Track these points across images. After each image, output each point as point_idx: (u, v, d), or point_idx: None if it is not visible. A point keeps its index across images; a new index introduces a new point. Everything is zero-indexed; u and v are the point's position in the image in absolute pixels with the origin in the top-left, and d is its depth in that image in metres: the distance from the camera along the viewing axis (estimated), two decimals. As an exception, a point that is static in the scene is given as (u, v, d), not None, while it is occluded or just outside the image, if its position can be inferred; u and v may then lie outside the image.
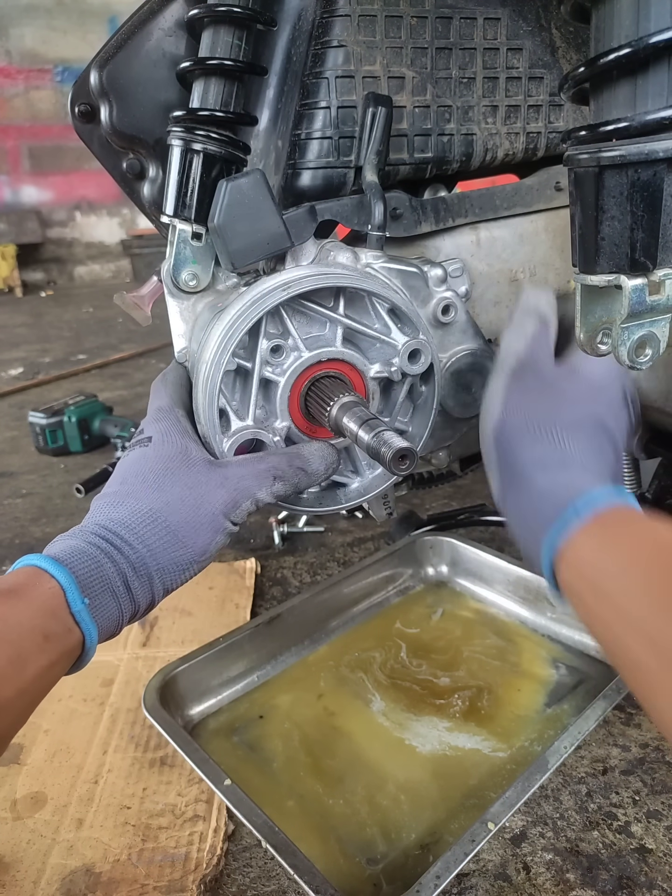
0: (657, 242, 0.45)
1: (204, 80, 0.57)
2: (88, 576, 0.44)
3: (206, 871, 0.62)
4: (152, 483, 0.49)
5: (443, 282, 0.57)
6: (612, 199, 0.45)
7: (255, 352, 0.51)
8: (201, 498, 0.48)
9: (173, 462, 0.50)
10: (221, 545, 0.50)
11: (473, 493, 1.39)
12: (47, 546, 0.47)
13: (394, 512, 0.62)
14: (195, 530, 0.48)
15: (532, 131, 0.66)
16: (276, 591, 1.08)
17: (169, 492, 0.48)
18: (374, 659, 0.88)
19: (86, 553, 0.45)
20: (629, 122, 0.42)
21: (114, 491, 0.50)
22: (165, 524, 0.47)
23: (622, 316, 0.47)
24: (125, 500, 0.48)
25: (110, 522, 0.47)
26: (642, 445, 0.94)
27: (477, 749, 0.74)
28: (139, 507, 0.48)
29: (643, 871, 0.62)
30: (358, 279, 0.51)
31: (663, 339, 0.50)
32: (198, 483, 0.49)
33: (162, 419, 0.52)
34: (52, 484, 1.53)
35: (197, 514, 0.48)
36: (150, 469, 0.49)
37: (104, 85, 0.57)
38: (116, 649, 0.93)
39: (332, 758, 0.74)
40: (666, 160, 0.43)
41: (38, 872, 0.63)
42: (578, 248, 0.48)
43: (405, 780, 0.70)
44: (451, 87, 0.61)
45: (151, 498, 0.48)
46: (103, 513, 0.48)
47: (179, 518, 0.48)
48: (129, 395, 2.15)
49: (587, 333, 0.51)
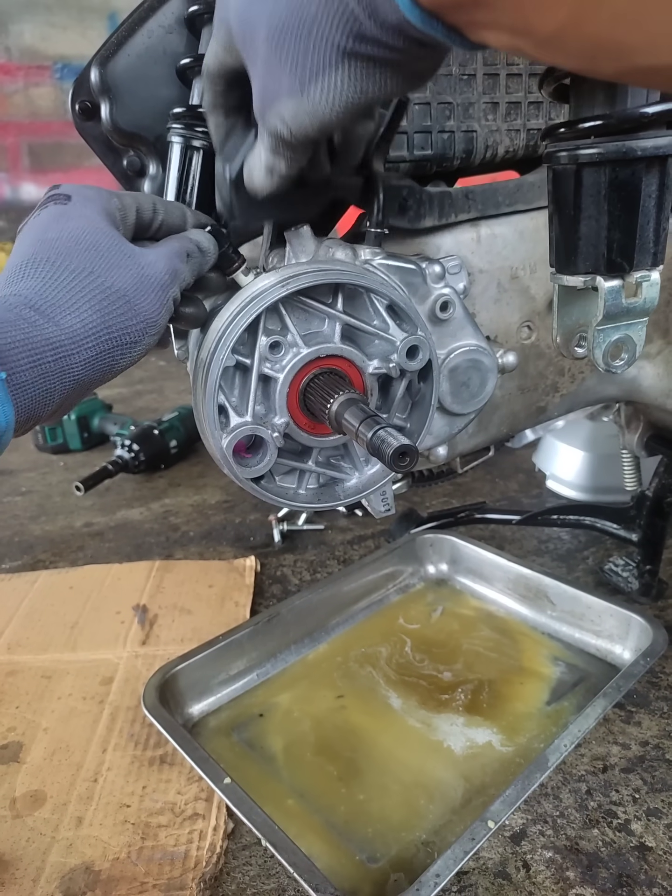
0: (634, 243, 0.44)
1: (204, 76, 0.57)
2: (12, 348, 0.38)
3: (205, 869, 0.62)
4: (86, 244, 0.43)
5: (441, 278, 0.57)
6: (590, 198, 0.44)
7: (253, 348, 0.51)
8: (143, 268, 0.44)
9: (104, 228, 0.44)
10: (165, 322, 0.46)
11: (473, 490, 1.39)
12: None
13: (392, 508, 0.61)
14: (143, 295, 0.43)
15: (533, 128, 0.65)
16: (275, 588, 1.08)
17: (107, 255, 0.43)
18: (381, 654, 0.88)
19: (11, 322, 0.39)
20: (608, 119, 0.42)
21: (32, 254, 0.42)
22: (112, 287, 0.42)
23: (598, 318, 0.47)
24: (51, 263, 0.42)
25: (37, 286, 0.41)
26: (643, 443, 0.94)
27: (489, 743, 0.74)
28: (76, 268, 0.42)
29: (643, 869, 0.62)
30: (356, 276, 0.51)
31: (639, 342, 0.49)
32: (134, 252, 0.45)
33: (90, 190, 0.47)
34: (51, 482, 1.53)
35: (142, 281, 0.43)
36: (79, 229, 0.43)
37: (105, 82, 0.57)
38: (116, 647, 0.93)
39: (335, 756, 0.74)
40: (644, 159, 0.42)
41: (37, 870, 0.63)
42: (556, 248, 0.48)
43: (412, 776, 0.70)
44: (451, 84, 0.61)
45: (87, 259, 0.42)
46: (26, 281, 0.41)
47: (125, 282, 0.43)
48: (129, 393, 2.14)
49: (564, 335, 0.51)
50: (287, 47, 0.37)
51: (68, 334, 0.40)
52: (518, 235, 0.66)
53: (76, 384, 0.41)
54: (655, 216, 0.44)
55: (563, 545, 1.16)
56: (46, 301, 0.40)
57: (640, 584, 0.99)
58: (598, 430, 1.28)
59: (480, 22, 0.31)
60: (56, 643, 0.95)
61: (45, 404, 0.40)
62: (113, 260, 0.43)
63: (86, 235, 0.43)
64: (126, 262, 0.44)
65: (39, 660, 0.92)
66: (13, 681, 0.88)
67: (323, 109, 0.39)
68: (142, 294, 0.43)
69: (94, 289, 0.42)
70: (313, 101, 0.39)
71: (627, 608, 0.85)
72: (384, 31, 0.34)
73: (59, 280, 0.41)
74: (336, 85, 0.37)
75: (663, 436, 0.91)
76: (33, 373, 0.39)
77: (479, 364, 0.60)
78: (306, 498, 0.58)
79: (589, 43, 0.28)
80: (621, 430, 0.96)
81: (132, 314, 0.43)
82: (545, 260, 0.68)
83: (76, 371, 0.41)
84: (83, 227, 0.44)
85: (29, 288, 0.41)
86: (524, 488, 1.38)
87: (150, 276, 0.44)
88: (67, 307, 0.41)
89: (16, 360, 0.38)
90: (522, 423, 0.75)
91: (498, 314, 0.67)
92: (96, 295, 0.42)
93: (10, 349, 0.38)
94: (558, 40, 0.29)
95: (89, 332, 0.41)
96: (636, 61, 0.28)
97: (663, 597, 0.99)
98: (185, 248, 0.48)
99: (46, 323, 0.40)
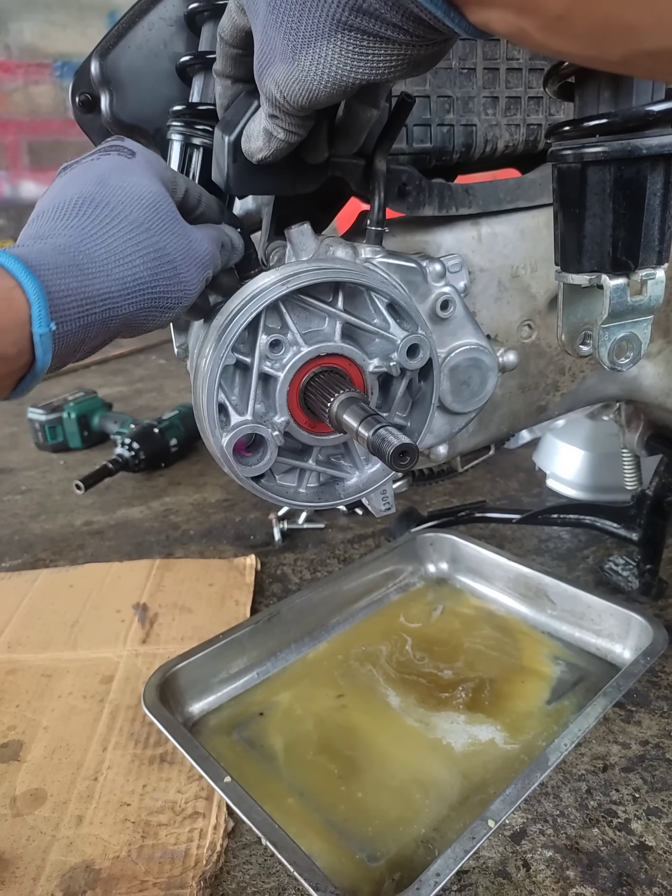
0: (639, 242, 0.44)
1: (204, 74, 0.57)
2: (65, 297, 0.37)
3: (205, 868, 0.62)
4: (148, 202, 0.43)
5: (441, 277, 0.57)
6: (595, 197, 0.44)
7: (254, 346, 0.50)
8: (191, 241, 0.45)
9: (164, 193, 0.45)
10: (195, 299, 0.47)
11: (474, 489, 1.39)
12: (11, 247, 0.39)
13: (393, 507, 0.61)
14: (188, 266, 0.44)
15: (532, 123, 0.65)
16: (276, 587, 1.08)
17: (165, 219, 0.43)
18: (381, 652, 0.88)
19: (65, 268, 0.38)
20: (613, 117, 0.42)
21: (92, 193, 0.42)
22: (164, 250, 0.42)
23: (603, 316, 0.47)
24: (111, 208, 0.41)
25: (93, 228, 0.40)
26: (643, 442, 0.94)
27: (492, 741, 0.74)
28: (135, 220, 0.42)
29: (643, 869, 0.62)
30: (357, 274, 0.51)
31: (644, 340, 0.50)
32: (185, 225, 0.45)
33: (151, 154, 0.47)
34: (51, 480, 1.53)
35: (189, 252, 0.44)
36: (142, 185, 0.43)
37: (105, 74, 0.57)
38: (116, 646, 0.93)
39: (344, 754, 0.74)
40: (649, 157, 0.42)
41: (37, 869, 0.63)
42: (561, 246, 0.48)
43: (428, 776, 0.70)
44: (450, 78, 0.60)
45: (147, 216, 0.42)
46: (80, 219, 0.41)
47: (176, 249, 0.43)
48: (129, 392, 2.14)
49: (569, 334, 0.50)
50: (284, 9, 0.37)
51: (119, 286, 0.40)
52: (519, 234, 0.66)
53: (109, 335, 0.42)
54: (660, 214, 0.44)
55: (563, 544, 1.16)
56: (102, 246, 0.40)
57: (640, 584, 0.99)
58: (599, 429, 1.28)
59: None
60: (56, 642, 0.95)
61: (76, 352, 0.41)
62: (168, 225, 0.44)
63: (148, 194, 0.44)
64: (179, 231, 0.45)
65: (40, 658, 0.92)
66: (13, 679, 0.88)
67: (312, 79, 0.38)
68: (187, 264, 0.44)
69: (149, 246, 0.42)
70: (302, 69, 0.38)
71: (627, 607, 0.85)
72: (384, 3, 0.33)
73: (118, 228, 0.41)
74: (326, 56, 0.37)
75: (663, 435, 0.91)
76: (79, 323, 0.39)
77: (479, 363, 0.60)
78: (306, 497, 0.57)
79: (597, 24, 0.28)
80: (622, 429, 0.96)
81: (176, 280, 0.44)
82: (546, 259, 0.68)
83: (115, 324, 0.41)
84: (146, 185, 0.44)
85: (84, 229, 0.41)
86: (524, 487, 1.38)
87: (196, 250, 0.45)
88: (122, 258, 0.41)
89: (67, 310, 0.38)
90: (523, 422, 0.75)
91: (498, 313, 0.67)
92: (149, 252, 0.42)
93: (63, 297, 0.37)
94: (566, 20, 0.28)
95: (137, 286, 0.41)
96: (644, 44, 0.28)
97: (663, 596, 0.99)
98: (221, 237, 0.50)
99: (99, 271, 0.39)
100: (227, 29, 0.46)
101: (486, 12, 0.31)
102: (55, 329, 0.37)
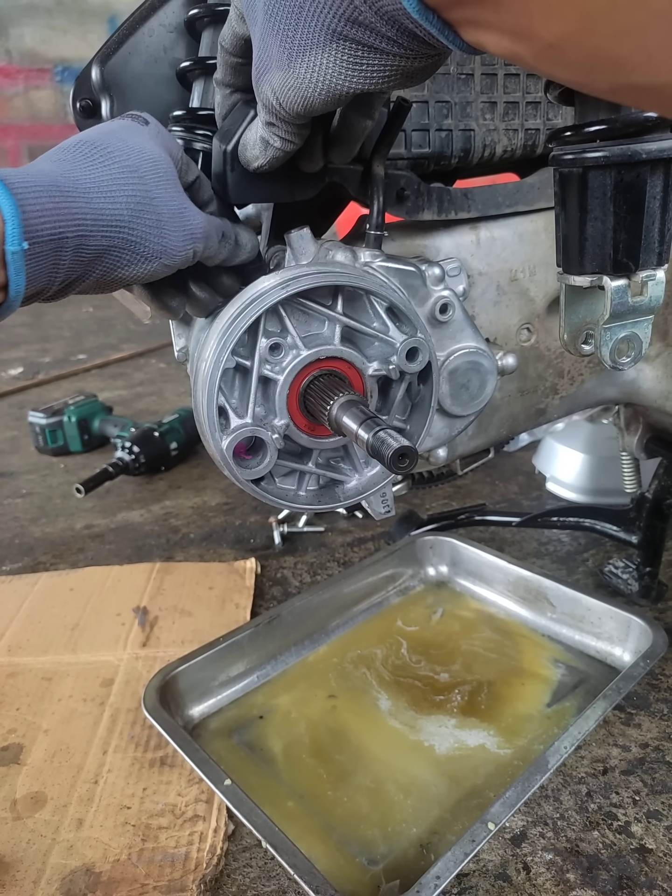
0: (640, 244, 0.45)
1: (204, 79, 0.57)
2: (39, 216, 0.38)
3: (206, 871, 0.62)
4: (150, 160, 0.44)
5: (440, 281, 0.57)
6: (596, 200, 0.45)
7: (253, 350, 0.51)
8: (184, 210, 0.45)
9: (169, 161, 0.45)
10: (178, 264, 0.47)
11: (473, 493, 1.39)
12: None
13: (392, 510, 0.61)
14: (173, 228, 0.45)
15: (530, 128, 0.66)
16: (276, 590, 1.08)
17: (163, 179, 0.44)
18: (376, 655, 0.88)
19: (44, 188, 0.38)
20: (613, 123, 0.42)
21: (94, 138, 0.43)
22: (152, 202, 0.43)
23: (604, 317, 0.48)
24: (108, 152, 0.42)
25: (85, 164, 0.41)
26: (642, 445, 0.94)
27: (483, 745, 0.74)
28: (130, 166, 0.43)
29: (643, 871, 0.62)
30: (356, 278, 0.51)
31: (645, 340, 0.50)
32: (184, 196, 0.46)
33: (167, 132, 0.48)
34: (51, 484, 1.53)
35: (178, 218, 0.45)
36: (149, 148, 0.44)
37: (105, 80, 0.57)
38: (116, 649, 0.93)
39: (334, 757, 0.74)
40: (649, 162, 0.43)
41: (38, 872, 0.63)
42: (563, 249, 0.49)
43: (409, 779, 0.70)
44: (448, 83, 0.61)
45: (144, 168, 0.43)
46: (76, 156, 0.42)
47: (164, 208, 0.44)
48: (129, 395, 2.15)
49: (571, 334, 0.51)
50: (280, 17, 0.37)
51: (95, 214, 0.41)
52: (517, 238, 0.66)
53: (81, 269, 0.42)
54: (660, 217, 0.45)
55: (562, 547, 1.16)
56: (89, 177, 0.41)
57: (639, 586, 0.99)
58: (598, 432, 1.28)
59: (481, 21, 0.30)
60: (56, 645, 0.95)
61: (51, 280, 0.41)
62: (163, 183, 0.44)
63: (153, 154, 0.44)
64: (174, 192, 0.45)
65: (40, 661, 0.92)
66: (14, 682, 0.88)
67: (307, 87, 0.39)
68: (173, 225, 0.45)
69: (137, 191, 0.43)
70: (298, 76, 0.38)
71: (627, 610, 0.85)
72: (379, 17, 0.33)
73: (110, 167, 0.42)
74: (321, 64, 0.37)
75: (662, 438, 0.91)
76: (50, 244, 0.39)
77: (478, 366, 0.60)
78: (306, 500, 0.58)
79: (588, 56, 0.28)
80: (621, 433, 0.96)
81: (157, 233, 0.44)
82: (544, 262, 0.68)
83: (86, 254, 0.41)
84: (152, 149, 0.45)
85: (76, 161, 0.42)
86: (524, 490, 1.38)
87: (187, 219, 0.46)
88: (105, 190, 0.42)
89: (39, 229, 0.38)
90: (522, 425, 0.75)
91: (497, 316, 0.67)
92: (136, 195, 0.43)
93: (37, 216, 0.38)
94: (559, 50, 0.28)
95: (115, 220, 0.42)
96: (632, 78, 0.28)
97: (663, 599, 0.99)
98: (223, 228, 0.50)
99: (79, 196, 0.40)
100: (227, 37, 0.47)
101: (481, 34, 0.31)
102: (27, 248, 0.37)
